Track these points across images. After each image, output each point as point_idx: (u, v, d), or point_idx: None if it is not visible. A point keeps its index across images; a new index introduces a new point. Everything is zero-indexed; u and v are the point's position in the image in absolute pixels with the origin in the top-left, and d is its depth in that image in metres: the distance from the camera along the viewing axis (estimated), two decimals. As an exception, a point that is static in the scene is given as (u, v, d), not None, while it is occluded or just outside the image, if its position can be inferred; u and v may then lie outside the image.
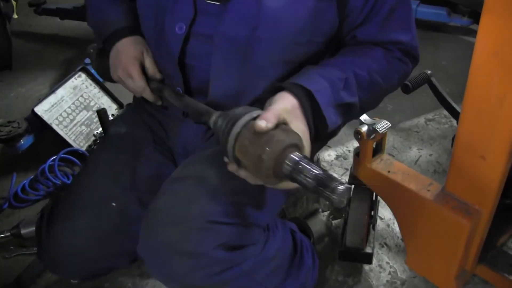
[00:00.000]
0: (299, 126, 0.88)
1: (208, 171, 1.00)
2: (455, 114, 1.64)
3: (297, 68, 1.02)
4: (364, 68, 1.00)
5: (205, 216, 0.93)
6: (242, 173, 0.86)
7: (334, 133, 0.99)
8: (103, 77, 1.30)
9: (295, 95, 0.90)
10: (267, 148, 0.79)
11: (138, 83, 1.11)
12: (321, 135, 0.96)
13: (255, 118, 0.84)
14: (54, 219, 1.11)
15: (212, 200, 0.96)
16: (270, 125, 0.81)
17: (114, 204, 1.09)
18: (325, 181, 0.75)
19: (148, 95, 1.13)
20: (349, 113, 1.00)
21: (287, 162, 0.79)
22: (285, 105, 0.88)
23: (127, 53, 1.12)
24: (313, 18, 0.98)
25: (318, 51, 1.05)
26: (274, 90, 0.94)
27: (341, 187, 0.74)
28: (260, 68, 1.01)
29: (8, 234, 1.67)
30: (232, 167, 0.87)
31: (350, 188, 0.76)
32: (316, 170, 0.77)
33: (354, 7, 1.00)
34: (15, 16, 2.87)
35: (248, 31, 0.97)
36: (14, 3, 2.81)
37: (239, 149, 0.83)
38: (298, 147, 0.83)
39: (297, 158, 0.79)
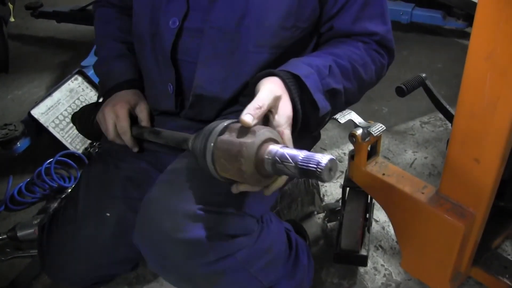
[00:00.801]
0: (286, 106, 0.89)
1: None
2: (450, 117, 1.65)
3: (283, 53, 1.05)
4: (345, 59, 1.03)
5: (199, 204, 0.94)
6: (242, 187, 0.87)
7: (323, 121, 1.00)
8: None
9: (281, 78, 0.92)
10: (242, 159, 0.78)
11: (121, 124, 1.13)
12: (311, 122, 0.97)
13: (224, 129, 0.83)
14: (54, 232, 1.15)
15: (206, 189, 0.96)
16: (256, 120, 0.82)
17: (108, 215, 1.11)
18: (306, 159, 0.74)
19: (127, 139, 1.15)
20: (335, 100, 1.01)
21: (266, 157, 0.79)
22: (269, 87, 0.88)
23: (122, 97, 1.17)
24: (297, 3, 1.02)
25: (303, 37, 1.08)
26: (260, 78, 0.94)
27: (324, 160, 0.72)
28: (247, 54, 1.04)
29: (5, 236, 1.67)
30: (233, 188, 0.88)
31: (335, 159, 0.74)
32: (295, 152, 0.76)
33: None
34: (12, 19, 2.86)
35: (236, 20, 1.01)
36: (11, 6, 2.81)
37: (221, 170, 0.83)
38: (272, 140, 0.82)
39: (274, 149, 0.78)
